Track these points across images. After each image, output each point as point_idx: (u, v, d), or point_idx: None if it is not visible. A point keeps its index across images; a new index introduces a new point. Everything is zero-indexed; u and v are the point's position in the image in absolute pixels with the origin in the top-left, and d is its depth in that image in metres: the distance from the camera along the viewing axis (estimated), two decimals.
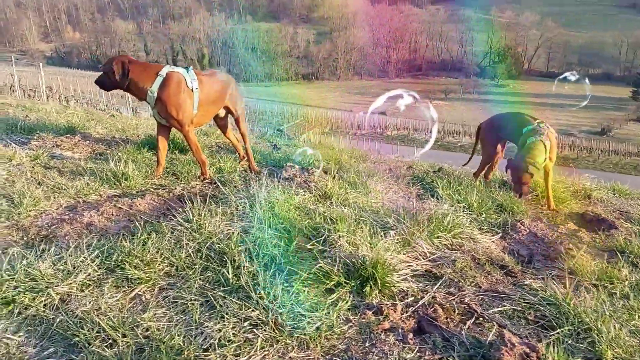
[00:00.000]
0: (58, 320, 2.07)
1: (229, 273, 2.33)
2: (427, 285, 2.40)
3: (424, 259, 2.66)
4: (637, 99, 67.76)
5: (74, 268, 2.40)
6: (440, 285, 2.40)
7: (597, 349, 2.00)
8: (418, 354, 1.92)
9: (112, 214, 3.10)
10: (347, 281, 2.29)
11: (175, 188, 3.60)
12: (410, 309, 2.19)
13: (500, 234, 3.23)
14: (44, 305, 2.20)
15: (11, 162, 3.91)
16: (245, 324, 2.04)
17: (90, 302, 2.21)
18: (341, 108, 65.26)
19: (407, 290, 2.33)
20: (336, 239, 2.61)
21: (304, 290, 2.24)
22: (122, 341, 1.94)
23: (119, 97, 38.26)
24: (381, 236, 2.72)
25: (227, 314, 2.09)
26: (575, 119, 61.42)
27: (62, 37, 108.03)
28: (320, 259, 2.45)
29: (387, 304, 2.20)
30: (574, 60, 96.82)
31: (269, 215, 2.91)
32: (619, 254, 3.02)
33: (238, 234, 2.63)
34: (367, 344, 1.97)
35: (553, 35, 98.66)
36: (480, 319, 2.18)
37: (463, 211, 3.32)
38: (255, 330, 2.00)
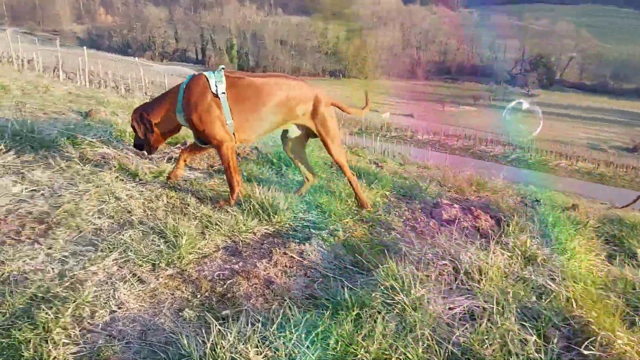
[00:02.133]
0: None
1: None
2: None
3: None
4: None
5: (287, 356, 1.86)
6: None
7: None
8: None
9: (286, 266, 2.56)
10: None
11: (337, 230, 3.03)
12: None
13: None
14: None
15: (135, 180, 3.39)
16: None
17: None
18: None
19: None
20: (610, 338, 2.02)
21: None
22: None
23: (150, 83, 38.18)
24: None
25: None
26: (606, 134, 59.85)
27: (94, 19, 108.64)
28: None
29: None
30: (607, 72, 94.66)
31: (491, 288, 2.33)
32: None
33: (486, 322, 2.05)
34: None
35: (587, 46, 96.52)
36: None
37: None
38: None
